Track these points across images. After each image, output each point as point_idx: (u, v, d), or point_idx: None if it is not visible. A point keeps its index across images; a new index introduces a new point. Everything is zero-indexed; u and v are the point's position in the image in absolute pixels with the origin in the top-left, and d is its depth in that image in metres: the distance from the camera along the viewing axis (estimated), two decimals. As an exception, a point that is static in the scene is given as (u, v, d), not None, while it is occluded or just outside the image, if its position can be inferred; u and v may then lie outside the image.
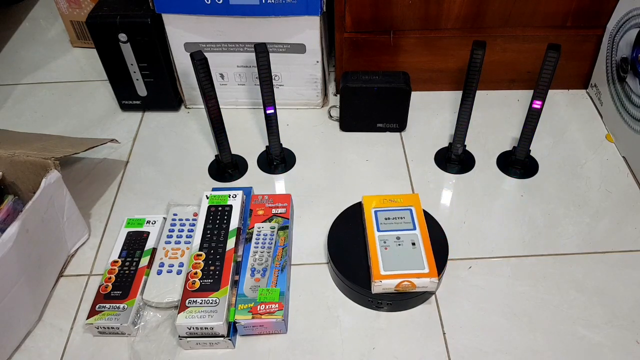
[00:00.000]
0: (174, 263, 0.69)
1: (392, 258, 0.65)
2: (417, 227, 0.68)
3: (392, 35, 0.90)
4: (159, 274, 0.68)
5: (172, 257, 0.70)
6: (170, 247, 0.71)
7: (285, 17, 0.82)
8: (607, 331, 0.64)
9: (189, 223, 0.74)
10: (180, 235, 0.73)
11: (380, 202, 0.72)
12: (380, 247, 0.66)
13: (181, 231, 0.73)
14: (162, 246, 0.71)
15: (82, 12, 1.08)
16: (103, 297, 0.66)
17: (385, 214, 0.70)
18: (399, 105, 0.88)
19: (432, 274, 0.63)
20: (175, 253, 0.70)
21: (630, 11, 0.83)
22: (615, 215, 0.77)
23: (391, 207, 0.71)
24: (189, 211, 0.76)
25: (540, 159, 0.85)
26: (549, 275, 0.70)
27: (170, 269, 0.69)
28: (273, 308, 0.63)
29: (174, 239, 0.72)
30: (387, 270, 0.64)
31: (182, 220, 0.75)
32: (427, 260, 0.64)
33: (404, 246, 0.66)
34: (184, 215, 0.75)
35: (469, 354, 0.63)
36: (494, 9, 0.87)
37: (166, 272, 0.68)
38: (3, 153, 0.68)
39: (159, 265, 0.69)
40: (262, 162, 0.87)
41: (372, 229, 0.68)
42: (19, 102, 1.01)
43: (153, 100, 0.95)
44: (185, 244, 0.72)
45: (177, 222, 0.75)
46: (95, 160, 0.89)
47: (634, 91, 0.82)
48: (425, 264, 0.64)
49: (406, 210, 0.71)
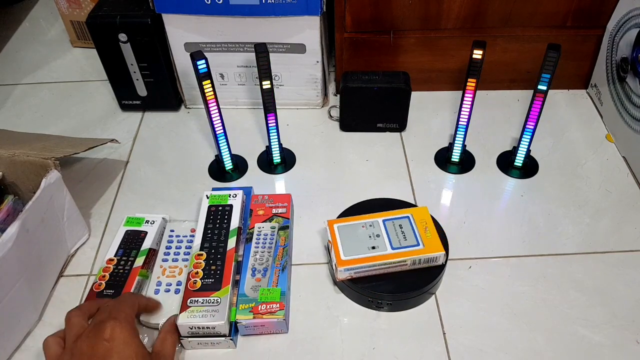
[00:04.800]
0: (171, 282, 0.67)
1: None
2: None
3: (392, 35, 0.90)
4: (157, 294, 0.66)
5: (170, 276, 0.68)
6: (168, 265, 0.69)
7: (285, 17, 0.82)
8: (607, 331, 0.64)
9: (186, 240, 0.72)
10: (177, 253, 0.71)
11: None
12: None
13: (178, 248, 0.71)
14: (159, 264, 0.69)
15: (82, 12, 1.08)
16: (95, 295, 0.66)
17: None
18: (399, 105, 0.88)
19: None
20: (173, 271, 0.68)
21: (630, 11, 0.83)
22: (615, 215, 0.77)
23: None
24: (186, 227, 0.74)
25: (540, 159, 0.85)
26: (549, 275, 0.70)
27: (168, 288, 0.67)
28: (274, 308, 0.63)
29: (171, 257, 0.70)
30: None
31: (180, 237, 0.73)
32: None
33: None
34: (181, 231, 0.73)
35: (469, 354, 0.63)
36: (494, 9, 0.87)
37: (164, 291, 0.66)
38: (3, 153, 0.68)
39: (156, 284, 0.67)
40: (262, 162, 0.87)
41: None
42: (19, 102, 1.01)
43: (153, 100, 0.95)
44: (183, 261, 0.70)
45: (175, 239, 0.72)
46: (95, 160, 0.89)
47: (634, 91, 0.82)
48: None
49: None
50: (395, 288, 0.65)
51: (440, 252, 0.64)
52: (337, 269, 0.64)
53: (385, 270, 0.65)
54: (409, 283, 0.65)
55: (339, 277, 0.66)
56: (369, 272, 0.65)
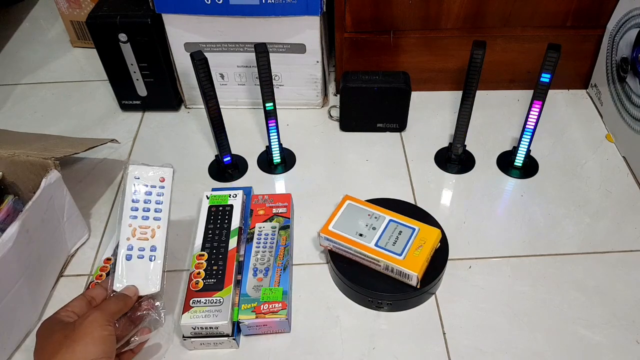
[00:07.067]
0: (144, 246, 0.59)
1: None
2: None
3: (392, 35, 0.90)
4: (129, 259, 0.59)
5: (141, 238, 0.59)
6: (138, 225, 0.59)
7: (285, 17, 0.82)
8: (607, 331, 0.64)
9: (155, 192, 0.61)
10: (147, 209, 0.60)
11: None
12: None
13: (147, 202, 0.60)
14: (128, 222, 0.59)
15: (82, 12, 1.08)
16: None
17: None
18: (399, 105, 0.88)
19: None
20: (145, 232, 0.59)
21: (630, 11, 0.83)
22: (615, 215, 0.77)
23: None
24: (154, 176, 0.61)
25: (540, 159, 0.85)
26: (549, 275, 0.70)
27: (142, 254, 0.58)
28: (276, 307, 0.63)
29: (140, 213, 0.60)
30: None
31: (148, 187, 0.61)
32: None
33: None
34: (148, 180, 0.61)
35: (469, 354, 0.63)
36: (494, 9, 0.87)
37: (137, 257, 0.58)
38: (3, 153, 0.68)
39: (127, 248, 0.59)
40: (262, 162, 0.87)
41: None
42: (19, 102, 1.01)
43: (153, 100, 0.95)
44: (155, 220, 0.60)
45: (141, 190, 0.60)
46: (95, 160, 0.88)
47: (634, 91, 0.82)
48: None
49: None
50: (395, 288, 0.65)
51: (414, 273, 0.63)
52: (319, 234, 0.68)
53: (361, 260, 0.67)
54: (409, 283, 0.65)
55: (321, 244, 0.69)
56: (346, 254, 0.68)
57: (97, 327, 0.52)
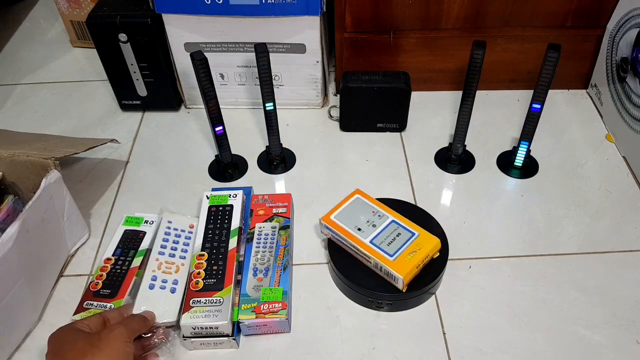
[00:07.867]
0: (167, 279, 0.65)
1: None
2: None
3: (392, 35, 0.90)
4: (151, 289, 0.64)
5: (166, 272, 0.66)
6: (164, 260, 0.67)
7: (285, 17, 0.82)
8: (607, 331, 0.64)
9: (184, 235, 0.70)
10: (174, 248, 0.68)
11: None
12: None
13: (176, 242, 0.69)
14: (155, 257, 0.67)
15: (82, 12, 1.08)
16: (92, 295, 0.66)
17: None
18: (399, 105, 0.88)
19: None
20: (169, 267, 0.66)
21: (630, 11, 0.83)
22: (615, 215, 0.77)
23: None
24: (185, 222, 0.71)
25: (540, 159, 0.85)
26: (549, 275, 0.70)
27: (164, 285, 0.64)
28: (276, 307, 0.63)
29: (168, 251, 0.68)
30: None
31: (177, 231, 0.70)
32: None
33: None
34: (179, 225, 0.71)
35: (469, 354, 0.63)
36: (494, 9, 0.87)
37: (159, 287, 0.64)
38: (3, 153, 0.68)
39: (151, 278, 0.65)
40: (262, 162, 0.87)
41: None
42: (19, 102, 1.01)
43: (153, 100, 0.95)
44: (181, 259, 0.68)
45: (172, 232, 0.70)
46: (95, 160, 0.88)
47: (634, 91, 0.82)
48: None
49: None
50: (395, 288, 0.65)
51: (400, 276, 0.63)
52: (320, 221, 0.70)
53: (354, 254, 0.68)
54: (408, 283, 0.65)
55: (321, 231, 0.71)
56: (343, 246, 0.69)
57: (122, 342, 0.54)
